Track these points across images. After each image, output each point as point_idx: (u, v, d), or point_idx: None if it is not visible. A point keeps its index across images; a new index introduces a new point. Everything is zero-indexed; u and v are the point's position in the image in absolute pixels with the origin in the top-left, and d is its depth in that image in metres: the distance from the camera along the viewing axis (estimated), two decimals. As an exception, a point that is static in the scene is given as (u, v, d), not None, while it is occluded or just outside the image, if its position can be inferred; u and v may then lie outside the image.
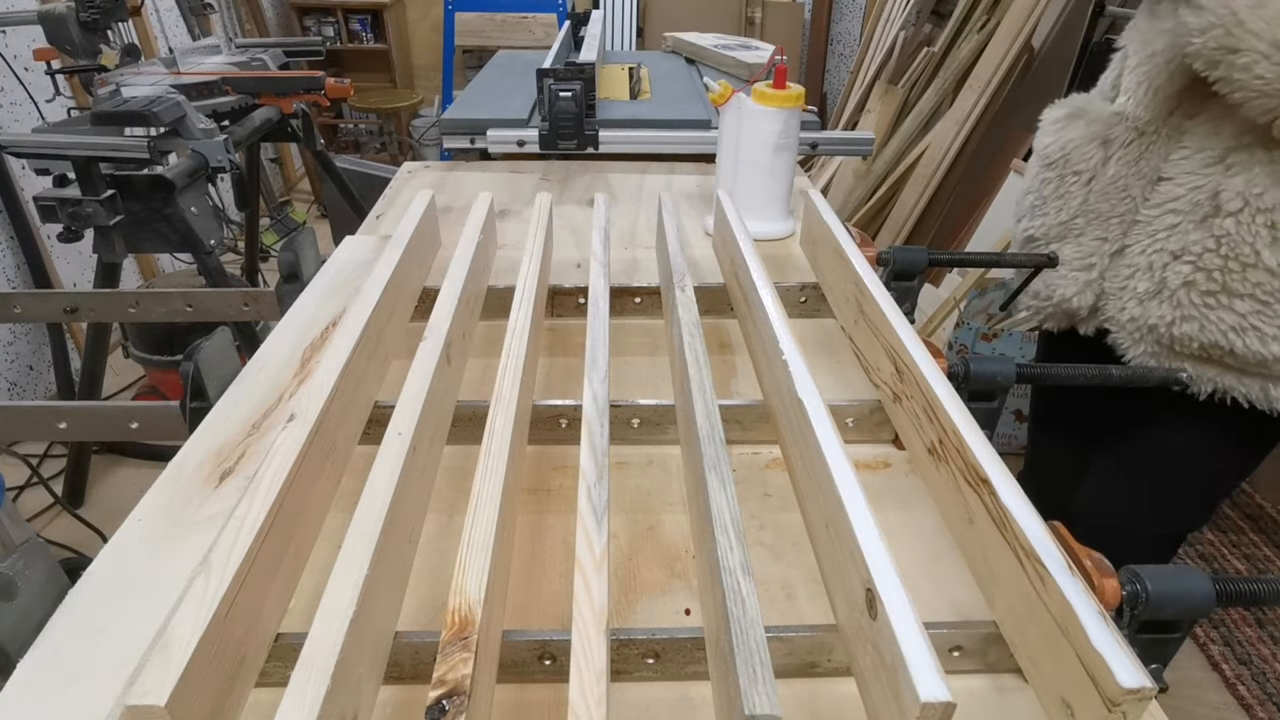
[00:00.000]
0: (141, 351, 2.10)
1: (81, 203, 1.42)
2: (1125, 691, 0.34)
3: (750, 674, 0.34)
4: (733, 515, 0.42)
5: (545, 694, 0.44)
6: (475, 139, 1.33)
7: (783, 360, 0.54)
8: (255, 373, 0.67)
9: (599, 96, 1.32)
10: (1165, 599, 0.40)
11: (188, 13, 2.24)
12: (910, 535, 0.55)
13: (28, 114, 2.27)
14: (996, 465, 0.46)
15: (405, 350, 0.65)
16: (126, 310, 0.93)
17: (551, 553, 0.53)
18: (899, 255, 0.78)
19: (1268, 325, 0.75)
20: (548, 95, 1.24)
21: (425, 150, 4.17)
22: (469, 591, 0.37)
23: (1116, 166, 0.83)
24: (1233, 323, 0.76)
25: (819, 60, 4.14)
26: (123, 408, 0.72)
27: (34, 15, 1.65)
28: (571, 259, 0.93)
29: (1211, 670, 1.56)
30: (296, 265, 0.84)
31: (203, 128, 1.55)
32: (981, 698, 0.44)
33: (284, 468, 0.44)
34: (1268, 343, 0.76)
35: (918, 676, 0.32)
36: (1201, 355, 0.81)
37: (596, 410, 0.52)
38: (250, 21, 3.68)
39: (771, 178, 0.95)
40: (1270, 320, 0.75)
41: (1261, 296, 0.74)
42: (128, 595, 0.46)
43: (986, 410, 0.62)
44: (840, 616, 0.43)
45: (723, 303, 0.79)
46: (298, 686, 0.33)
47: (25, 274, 2.29)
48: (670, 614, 0.49)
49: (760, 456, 0.63)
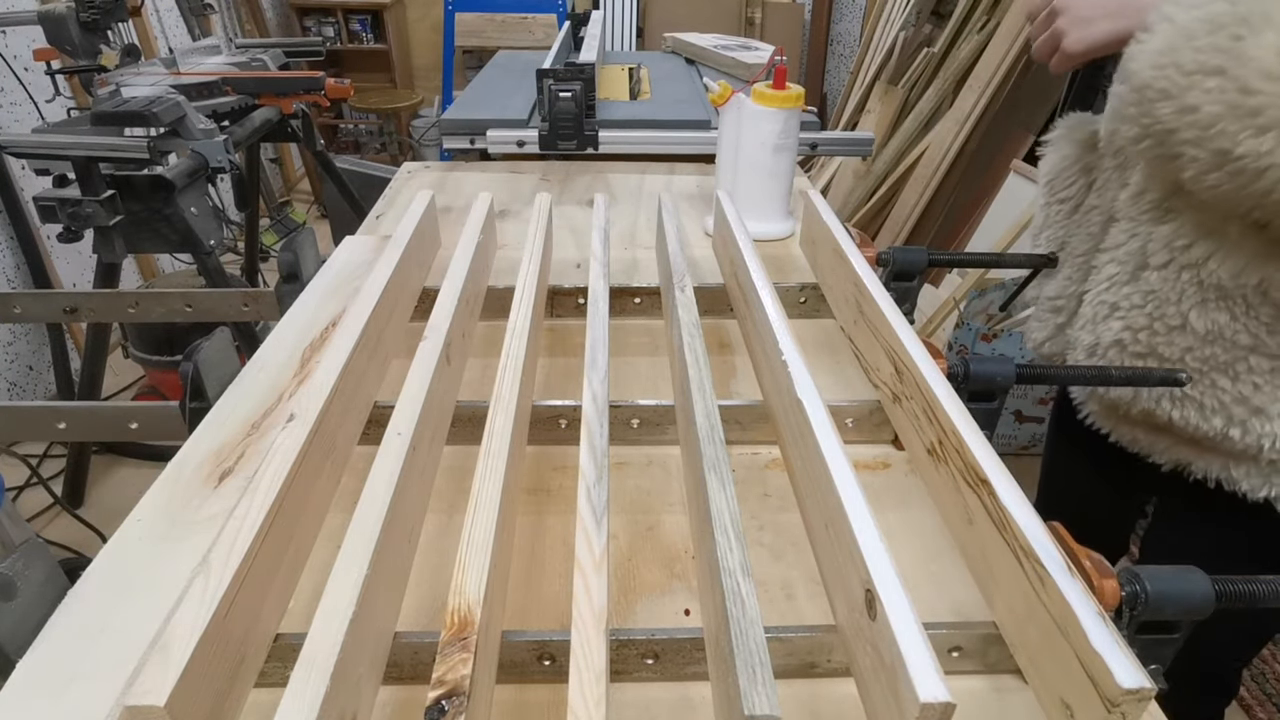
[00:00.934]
0: (141, 352, 2.10)
1: (81, 203, 1.42)
2: (1124, 692, 0.34)
3: (750, 674, 0.34)
4: (732, 516, 0.42)
5: (544, 694, 0.44)
6: (475, 139, 1.33)
7: (782, 361, 0.54)
8: (255, 373, 0.67)
9: (599, 97, 1.32)
10: (1164, 599, 0.40)
11: (188, 13, 2.24)
12: (910, 536, 0.55)
13: (27, 114, 2.27)
14: (996, 466, 0.46)
15: (405, 350, 0.65)
16: (126, 310, 0.93)
17: (551, 553, 0.53)
18: (898, 255, 0.78)
19: (1207, 397, 0.65)
20: (547, 96, 1.24)
21: (425, 150, 4.17)
22: (468, 592, 0.37)
23: (1094, 198, 0.74)
24: (1163, 391, 0.67)
25: (819, 60, 4.14)
26: (122, 408, 0.72)
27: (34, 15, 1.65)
28: (571, 259, 0.93)
29: (1211, 671, 1.56)
30: (296, 265, 0.84)
31: (203, 128, 1.55)
32: (981, 698, 0.44)
33: (283, 468, 0.44)
34: (1208, 416, 0.65)
35: (917, 677, 0.32)
36: (1147, 422, 0.71)
37: (596, 410, 0.52)
38: (250, 22, 3.68)
39: (771, 178, 0.95)
40: (1209, 391, 0.64)
41: (1192, 363, 0.64)
42: (127, 595, 0.46)
43: (986, 411, 0.62)
44: (840, 617, 0.43)
45: (722, 303, 0.79)
46: (297, 687, 0.33)
47: (25, 274, 2.29)
48: (670, 614, 0.49)
49: (760, 457, 0.63)
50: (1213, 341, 0.63)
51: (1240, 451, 0.66)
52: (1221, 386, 0.64)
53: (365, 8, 4.05)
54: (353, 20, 4.13)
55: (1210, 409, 0.65)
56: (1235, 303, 0.61)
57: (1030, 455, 2.08)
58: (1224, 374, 0.64)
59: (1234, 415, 0.65)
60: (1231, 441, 0.65)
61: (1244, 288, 0.60)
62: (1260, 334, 0.61)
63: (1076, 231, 0.76)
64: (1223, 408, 0.65)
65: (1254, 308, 0.60)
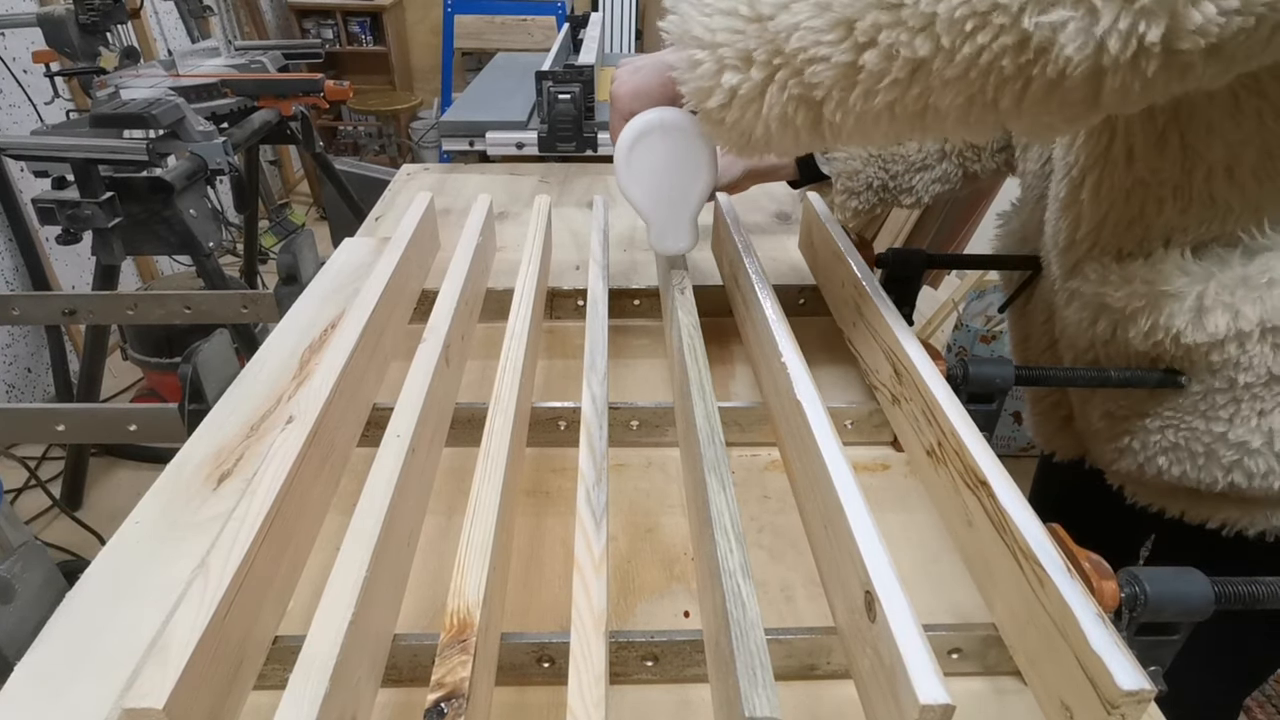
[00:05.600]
0: (140, 354, 2.10)
1: (80, 205, 1.42)
2: (1124, 694, 0.34)
3: (750, 676, 0.34)
4: (733, 518, 0.42)
5: (544, 696, 0.44)
6: (474, 141, 1.34)
7: (781, 362, 0.54)
8: (254, 375, 0.67)
9: (598, 99, 1.32)
10: (1164, 601, 0.40)
11: (187, 15, 2.24)
12: (909, 537, 0.55)
13: (26, 116, 2.28)
14: (995, 467, 0.46)
15: (404, 352, 0.65)
16: (125, 312, 0.93)
17: (550, 555, 0.53)
18: (897, 257, 0.78)
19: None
20: (546, 97, 1.24)
21: (424, 152, 4.18)
22: (468, 594, 0.37)
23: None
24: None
25: (818, 62, 4.13)
26: (121, 410, 0.72)
27: (33, 17, 1.65)
28: (570, 261, 0.93)
29: (1210, 672, 1.56)
30: (295, 267, 0.84)
31: (202, 130, 1.56)
32: (980, 700, 0.44)
33: (282, 470, 0.44)
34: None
35: (917, 679, 0.32)
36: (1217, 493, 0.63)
37: (595, 412, 0.52)
38: (249, 24, 3.69)
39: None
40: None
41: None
42: (126, 598, 0.46)
43: (985, 412, 0.62)
44: (839, 619, 0.43)
45: (722, 304, 0.79)
46: (296, 689, 0.33)
47: (24, 276, 2.29)
48: (669, 616, 0.49)
49: (759, 458, 0.63)
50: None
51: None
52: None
53: (364, 10, 4.06)
54: (352, 22, 4.13)
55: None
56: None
57: (1029, 457, 2.08)
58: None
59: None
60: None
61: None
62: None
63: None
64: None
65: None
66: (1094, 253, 0.63)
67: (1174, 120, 0.53)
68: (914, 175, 0.81)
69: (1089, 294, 0.62)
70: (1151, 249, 0.59)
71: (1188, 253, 0.57)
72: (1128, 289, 0.59)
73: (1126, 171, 0.57)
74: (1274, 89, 0.49)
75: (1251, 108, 0.50)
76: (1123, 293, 0.59)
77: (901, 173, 0.81)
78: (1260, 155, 0.52)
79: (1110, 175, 0.58)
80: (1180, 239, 0.57)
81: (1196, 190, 0.55)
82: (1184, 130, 0.53)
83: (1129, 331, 0.59)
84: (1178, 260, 0.56)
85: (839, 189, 0.82)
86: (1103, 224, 0.61)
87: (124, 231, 1.51)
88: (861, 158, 0.81)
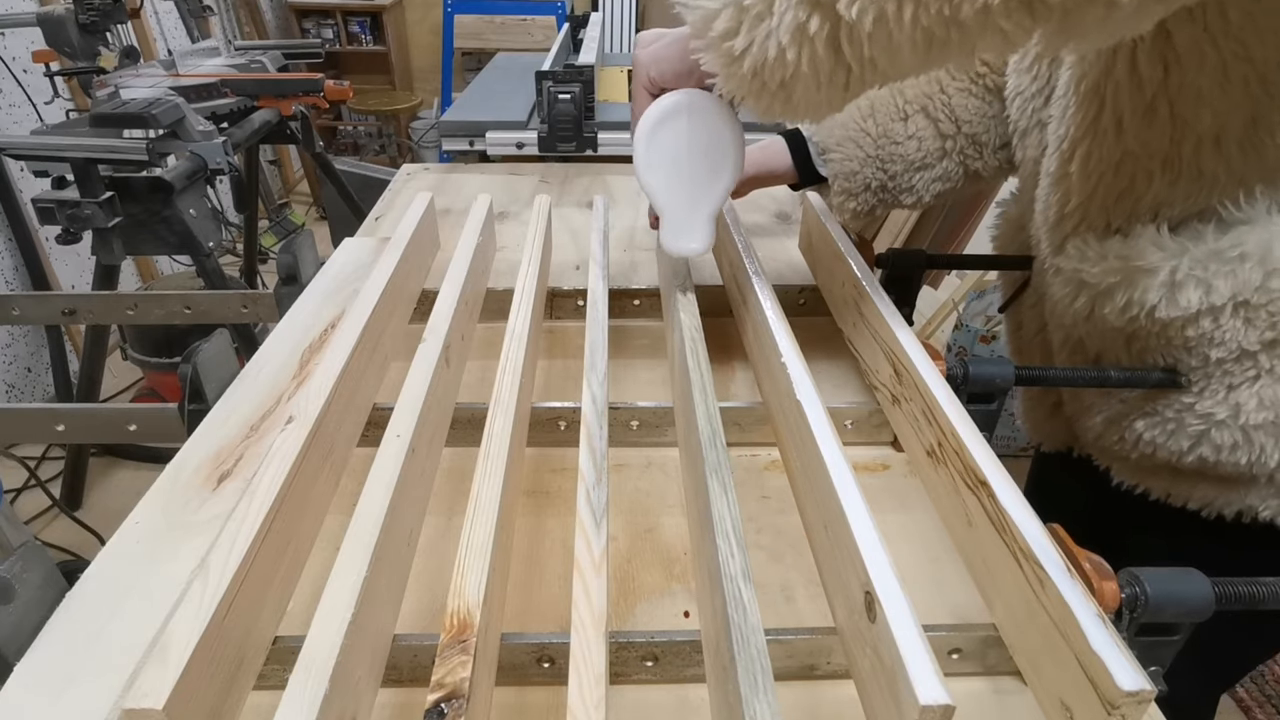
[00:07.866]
0: (140, 354, 2.10)
1: (80, 205, 1.42)
2: (1124, 694, 0.34)
3: (751, 682, 0.33)
4: (734, 521, 0.42)
5: (544, 697, 0.44)
6: (474, 141, 1.34)
7: (781, 363, 0.54)
8: (254, 375, 0.67)
9: (598, 99, 1.32)
10: (1164, 601, 0.40)
11: (187, 15, 2.24)
12: (909, 538, 0.55)
13: (26, 116, 2.28)
14: (995, 468, 0.46)
15: (404, 352, 0.65)
16: (125, 312, 0.93)
17: (550, 555, 0.53)
18: (897, 257, 0.78)
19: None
20: (546, 97, 1.24)
21: (424, 152, 4.18)
22: (468, 594, 0.37)
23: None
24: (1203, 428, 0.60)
25: (818, 62, 4.13)
26: (121, 410, 0.72)
27: (33, 17, 1.65)
28: (570, 261, 0.93)
29: (1210, 672, 1.56)
30: (295, 267, 0.84)
31: (201, 130, 1.56)
32: (981, 700, 0.44)
33: (282, 470, 0.44)
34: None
35: (917, 679, 0.32)
36: (1202, 472, 0.64)
37: (595, 412, 0.52)
38: (249, 24, 3.69)
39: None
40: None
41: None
42: (125, 598, 0.46)
43: (985, 412, 0.62)
44: (839, 619, 0.43)
45: (722, 304, 0.79)
46: (296, 689, 0.33)
47: (23, 276, 2.29)
48: (669, 616, 0.49)
49: (759, 458, 0.63)
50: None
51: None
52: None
53: (364, 10, 4.06)
54: (352, 22, 4.13)
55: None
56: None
57: (1029, 457, 2.08)
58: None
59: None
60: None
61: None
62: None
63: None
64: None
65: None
66: (1080, 229, 0.63)
67: (1163, 90, 0.53)
68: (914, 175, 0.81)
69: (1069, 270, 0.62)
70: (1136, 224, 0.59)
71: (1164, 228, 0.57)
72: (1103, 265, 0.59)
73: (1115, 143, 0.57)
74: (1260, 54, 0.49)
75: (1239, 74, 0.50)
76: (1099, 269, 0.59)
77: (900, 173, 0.81)
78: (1246, 124, 0.52)
79: (1099, 147, 0.58)
80: (1166, 213, 0.57)
81: (1185, 162, 0.55)
82: (1173, 100, 0.53)
83: (1105, 308, 0.60)
84: (1153, 235, 0.57)
85: (836, 190, 0.82)
86: (1091, 197, 0.61)
87: (124, 231, 1.51)
88: (858, 158, 0.81)
